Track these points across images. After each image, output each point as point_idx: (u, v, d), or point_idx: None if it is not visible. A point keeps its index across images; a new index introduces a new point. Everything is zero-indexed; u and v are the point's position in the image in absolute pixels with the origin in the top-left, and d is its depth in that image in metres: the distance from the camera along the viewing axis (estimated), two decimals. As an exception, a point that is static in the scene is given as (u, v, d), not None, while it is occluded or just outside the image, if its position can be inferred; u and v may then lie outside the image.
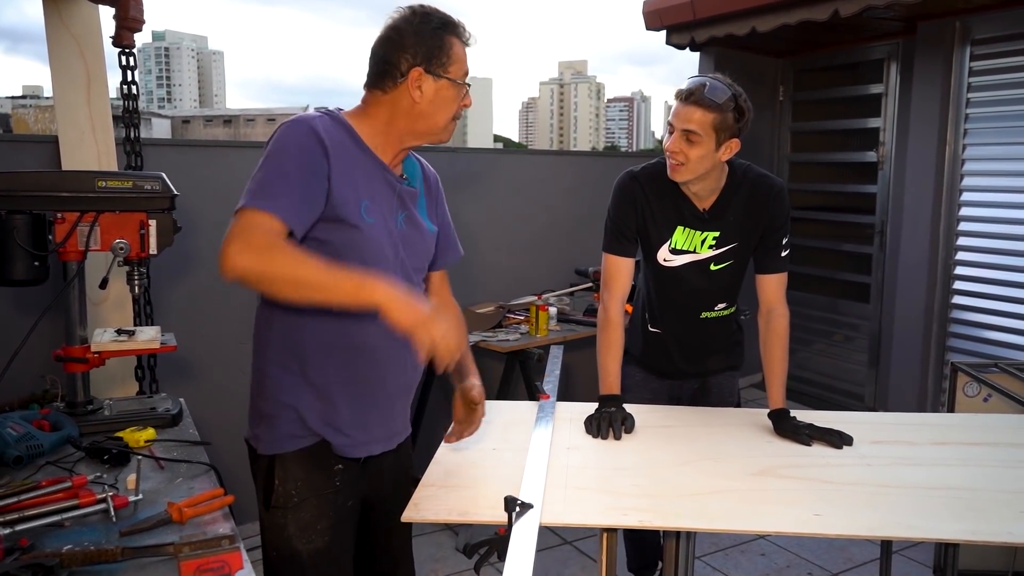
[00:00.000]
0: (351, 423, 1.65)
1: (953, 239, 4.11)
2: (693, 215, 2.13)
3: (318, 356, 1.61)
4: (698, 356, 2.35)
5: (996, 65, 3.89)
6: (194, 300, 3.15)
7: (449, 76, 1.62)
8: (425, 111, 1.62)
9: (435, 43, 1.61)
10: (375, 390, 1.67)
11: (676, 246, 2.15)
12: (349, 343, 1.62)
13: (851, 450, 1.90)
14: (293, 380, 1.62)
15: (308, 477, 1.63)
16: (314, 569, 1.64)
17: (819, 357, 5.12)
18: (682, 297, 2.23)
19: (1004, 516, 1.58)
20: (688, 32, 4.61)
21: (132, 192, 1.87)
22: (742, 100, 1.97)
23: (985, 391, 2.79)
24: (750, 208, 2.12)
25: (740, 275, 2.24)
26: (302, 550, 1.63)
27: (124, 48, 2.56)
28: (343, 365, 1.62)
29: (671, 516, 1.57)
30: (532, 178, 4.26)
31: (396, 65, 1.60)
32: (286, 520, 1.63)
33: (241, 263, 1.40)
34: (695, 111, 1.94)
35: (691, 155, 1.97)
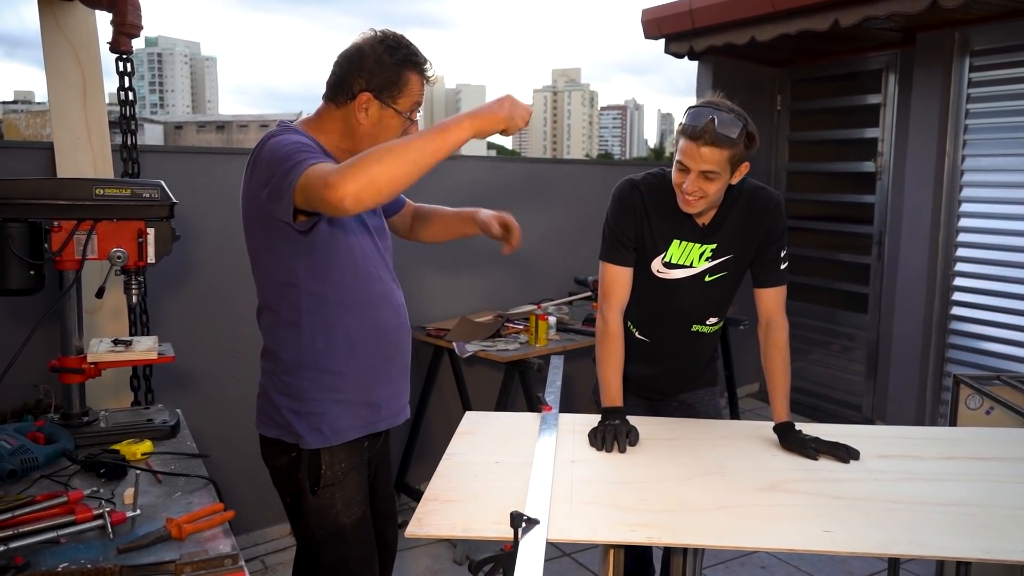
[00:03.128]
0: (381, 401, 1.86)
1: (952, 250, 4.11)
2: (692, 229, 2.10)
3: (346, 350, 1.79)
4: (683, 371, 2.33)
5: (995, 76, 3.89)
6: (191, 309, 3.11)
7: (396, 107, 1.76)
8: (368, 133, 1.76)
9: (392, 75, 1.74)
10: (392, 369, 1.89)
11: (671, 260, 2.12)
12: (369, 331, 1.81)
13: (858, 464, 1.87)
14: (331, 379, 1.78)
15: (348, 457, 1.83)
16: (355, 538, 1.85)
17: (816, 367, 5.10)
18: (674, 310, 2.20)
19: (1016, 534, 1.56)
20: (687, 41, 4.61)
21: (130, 200, 1.84)
22: (750, 127, 1.92)
23: (987, 404, 2.77)
24: (748, 220, 2.10)
25: (733, 289, 2.21)
26: (347, 523, 1.83)
27: (121, 54, 2.53)
28: (368, 352, 1.82)
29: (679, 532, 1.55)
30: (529, 186, 4.24)
31: (350, 85, 1.74)
32: (334, 499, 1.82)
33: (351, 188, 1.47)
34: (710, 151, 1.87)
35: (710, 191, 1.93)
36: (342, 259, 1.76)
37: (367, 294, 1.81)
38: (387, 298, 1.86)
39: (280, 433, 1.82)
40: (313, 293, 1.75)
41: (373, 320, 1.82)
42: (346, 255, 1.77)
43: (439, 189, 2.37)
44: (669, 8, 4.64)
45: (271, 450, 1.86)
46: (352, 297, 1.78)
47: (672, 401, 2.38)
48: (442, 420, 3.76)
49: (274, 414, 1.82)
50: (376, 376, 1.85)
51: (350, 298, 1.78)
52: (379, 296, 1.84)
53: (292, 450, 1.81)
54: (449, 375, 3.75)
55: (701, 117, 1.88)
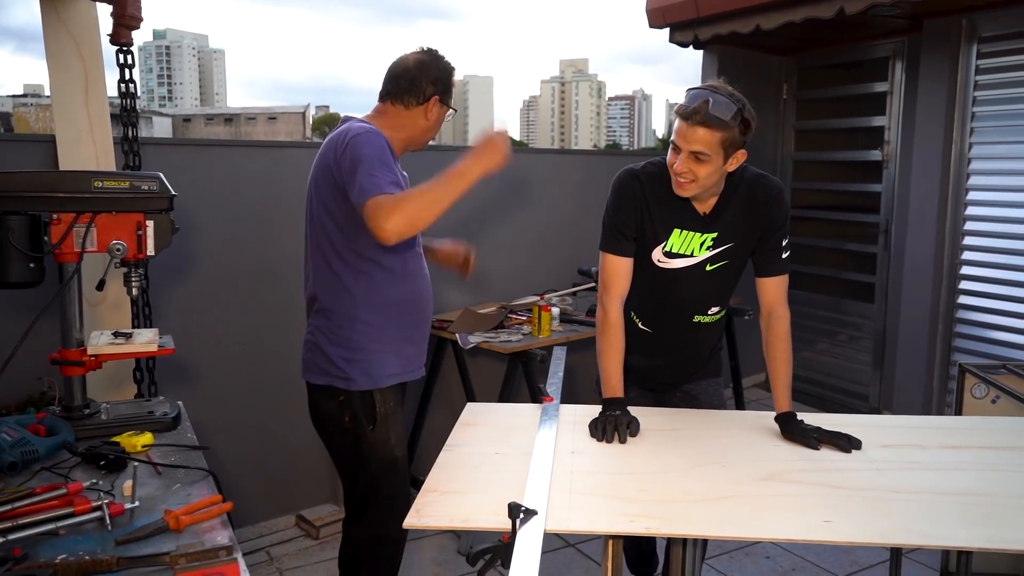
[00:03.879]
0: (411, 357, 2.21)
1: (959, 239, 4.08)
2: (693, 218, 2.08)
3: (394, 311, 2.14)
4: (686, 361, 2.32)
5: (1003, 63, 3.85)
6: (193, 301, 3.12)
7: (450, 106, 2.24)
8: (430, 129, 2.21)
9: (450, 81, 2.21)
10: (419, 331, 2.25)
11: (671, 249, 2.11)
12: (409, 296, 2.17)
13: (860, 454, 1.87)
14: (378, 332, 2.12)
15: (395, 397, 2.18)
16: (404, 468, 2.22)
17: (823, 357, 5.08)
18: (675, 300, 2.19)
19: (1019, 523, 1.55)
20: (691, 30, 4.58)
21: (129, 192, 1.84)
22: (747, 112, 1.90)
23: (993, 392, 2.76)
24: (749, 209, 2.08)
25: (734, 278, 2.20)
26: (399, 456, 2.19)
27: (122, 46, 2.53)
28: (407, 314, 2.17)
29: (679, 523, 1.54)
30: (534, 177, 4.22)
31: (423, 89, 2.15)
32: (388, 433, 2.16)
33: (393, 228, 1.85)
34: (701, 131, 1.87)
35: (700, 174, 1.92)
36: None
37: (411, 267, 2.17)
38: (423, 271, 2.24)
39: (330, 380, 2.14)
40: (372, 260, 2.08)
41: (413, 288, 2.18)
42: None
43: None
44: (674, -4, 4.61)
45: (321, 396, 2.18)
46: (402, 268, 2.14)
47: (676, 392, 2.37)
48: (446, 411, 3.76)
49: (325, 364, 2.14)
50: (409, 336, 2.20)
51: (400, 268, 2.13)
52: (418, 269, 2.21)
53: (340, 395, 2.13)
54: (453, 366, 3.75)
55: (696, 98, 1.87)
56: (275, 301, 3.33)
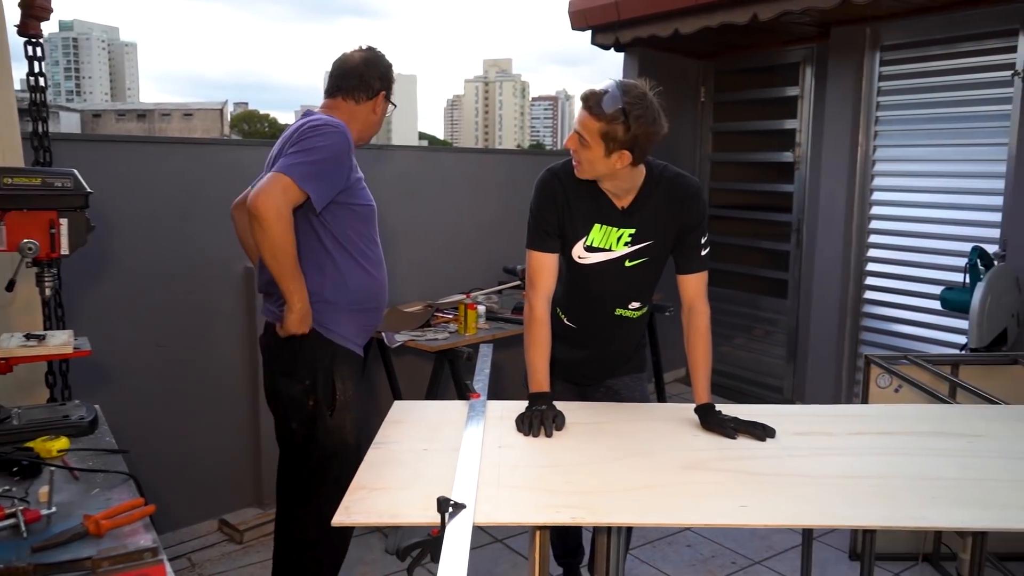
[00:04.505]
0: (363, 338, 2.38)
1: (865, 237, 4.28)
2: (611, 213, 2.15)
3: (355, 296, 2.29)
4: (611, 356, 2.38)
5: (904, 71, 4.07)
6: (108, 303, 3.02)
7: (392, 103, 2.38)
8: (377, 123, 2.37)
9: (391, 77, 2.37)
10: (376, 317, 2.42)
11: (592, 243, 2.17)
12: (369, 288, 2.32)
13: (774, 442, 1.95)
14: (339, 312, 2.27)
15: (354, 386, 2.29)
16: (355, 455, 2.15)
17: (740, 351, 5.26)
18: (596, 294, 2.25)
19: (917, 502, 1.65)
20: (613, 33, 4.67)
21: (41, 189, 1.78)
22: (633, 116, 1.93)
23: (896, 382, 2.92)
24: (667, 207, 2.15)
25: (655, 274, 2.26)
26: (351, 443, 2.27)
27: (30, 38, 2.43)
28: (368, 300, 2.33)
29: (604, 512, 1.59)
30: (459, 176, 4.24)
31: (371, 85, 2.29)
32: (344, 420, 2.27)
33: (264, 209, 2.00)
34: (586, 117, 1.96)
35: (582, 157, 2.02)
36: (360, 228, 2.26)
37: (373, 257, 2.32)
38: (383, 262, 2.37)
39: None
40: (338, 249, 2.22)
41: (377, 276, 2.34)
42: (363, 224, 2.27)
43: (371, 181, 2.36)
44: (595, 0, 4.69)
45: (283, 382, 2.29)
46: (364, 257, 2.28)
47: (599, 387, 2.43)
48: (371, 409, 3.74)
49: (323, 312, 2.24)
50: (368, 320, 2.36)
51: (361, 256, 2.27)
52: (380, 259, 2.35)
53: (306, 379, 2.24)
54: (378, 365, 3.73)
55: (600, 88, 1.97)
56: (194, 301, 3.26)
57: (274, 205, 2.01)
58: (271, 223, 2.01)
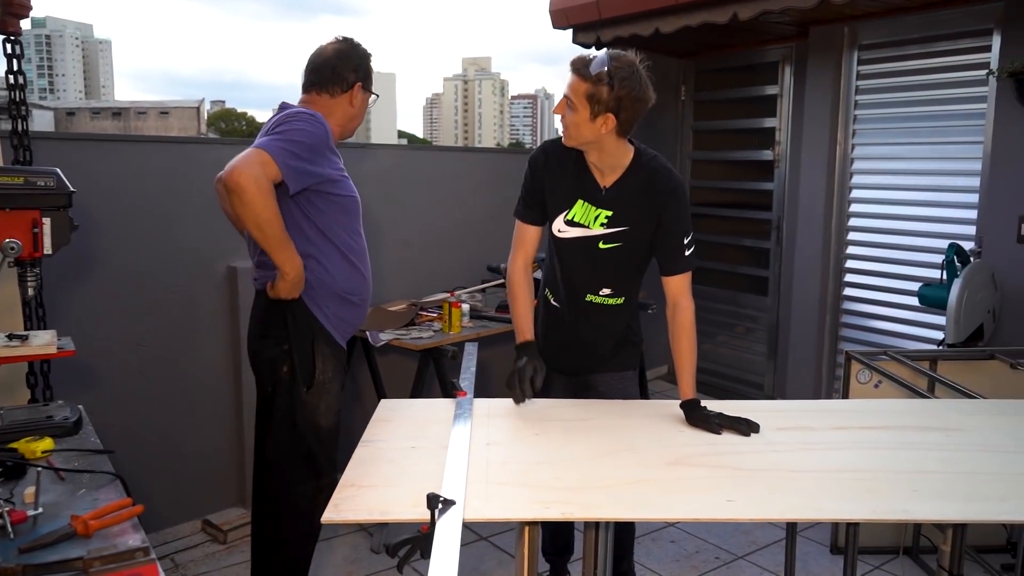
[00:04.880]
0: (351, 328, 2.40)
1: (844, 234, 4.33)
2: (593, 191, 2.19)
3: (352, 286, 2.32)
4: (588, 344, 2.39)
5: (881, 69, 4.12)
6: (89, 302, 3.00)
7: (371, 92, 2.37)
8: (356, 115, 2.35)
9: (367, 66, 2.33)
10: (363, 309, 2.41)
11: (573, 218, 2.23)
12: (365, 278, 2.36)
13: (759, 437, 1.98)
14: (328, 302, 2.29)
15: (334, 370, 2.30)
16: (327, 437, 2.31)
17: (721, 349, 5.30)
18: (569, 273, 2.31)
19: (898, 495, 1.68)
20: (594, 31, 4.68)
21: (23, 189, 1.77)
22: (618, 78, 2.00)
23: (876, 377, 2.96)
24: (644, 196, 2.18)
25: (631, 265, 2.28)
26: (323, 424, 2.29)
27: (9, 35, 2.40)
28: (354, 292, 2.34)
29: (592, 507, 1.60)
30: (442, 175, 4.24)
31: (345, 78, 2.28)
32: (319, 401, 2.27)
33: (243, 181, 1.96)
34: (574, 78, 2.05)
35: (568, 120, 2.08)
36: (344, 220, 2.26)
37: (358, 250, 2.32)
38: (367, 256, 2.38)
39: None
40: (322, 240, 2.22)
41: (360, 270, 2.33)
42: (347, 217, 2.26)
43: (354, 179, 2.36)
44: (576, -1, 4.71)
45: (264, 345, 2.28)
46: (349, 249, 2.28)
47: (585, 382, 2.44)
48: (356, 409, 3.73)
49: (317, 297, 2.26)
50: (352, 314, 2.35)
51: (347, 248, 2.27)
52: (364, 252, 2.36)
53: (284, 343, 2.24)
54: (362, 364, 3.73)
55: (591, 54, 2.05)
56: (175, 301, 3.23)
57: (252, 175, 1.97)
58: (252, 194, 1.97)
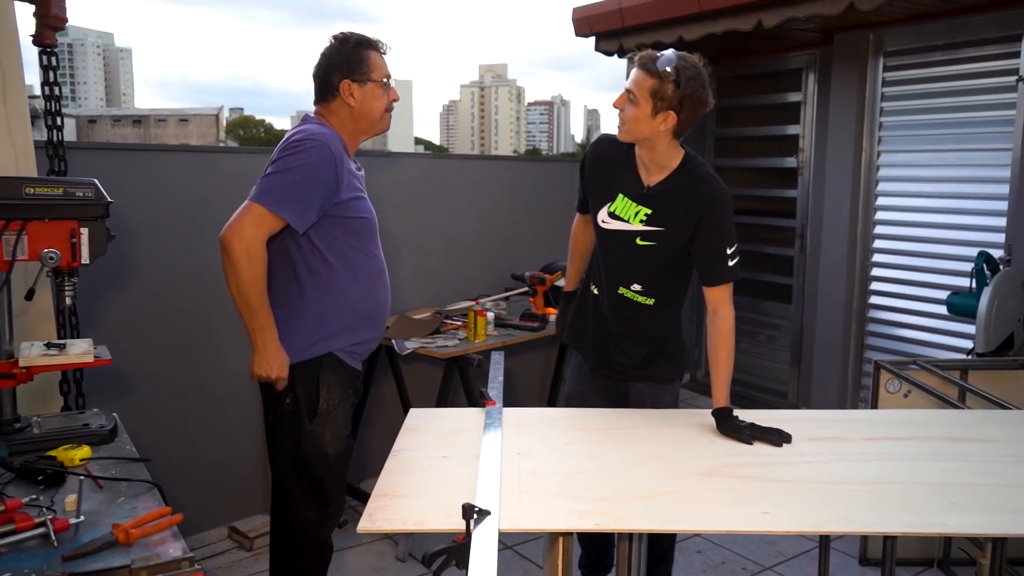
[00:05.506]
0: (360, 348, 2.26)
1: (870, 242, 4.30)
2: (636, 188, 2.22)
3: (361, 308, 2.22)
4: (614, 339, 2.39)
5: (907, 76, 4.09)
6: (118, 310, 3.03)
7: (372, 79, 2.16)
8: (362, 112, 2.17)
9: (355, 58, 2.15)
10: (376, 329, 2.29)
11: (615, 211, 2.26)
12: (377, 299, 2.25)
13: (790, 448, 1.96)
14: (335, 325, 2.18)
15: (341, 393, 2.18)
16: (336, 465, 2.21)
17: (744, 356, 5.26)
18: (607, 262, 2.34)
19: (934, 507, 1.66)
20: (616, 39, 4.68)
21: (63, 199, 1.79)
22: (685, 76, 2.04)
23: (905, 387, 2.93)
24: (685, 201, 2.18)
25: (662, 263, 2.27)
26: (331, 453, 2.19)
27: (45, 47, 2.44)
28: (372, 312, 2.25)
29: (627, 518, 1.60)
30: (464, 182, 4.25)
31: (332, 82, 2.15)
32: (325, 430, 2.16)
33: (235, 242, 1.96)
34: (639, 74, 2.07)
35: (627, 115, 2.10)
36: (353, 242, 2.15)
37: (370, 270, 2.21)
38: (382, 276, 2.27)
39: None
40: (325, 264, 2.12)
41: (370, 291, 2.22)
42: (357, 238, 2.16)
43: (377, 188, 2.38)
44: (599, 7, 4.71)
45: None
46: (358, 270, 2.18)
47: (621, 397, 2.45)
48: (379, 418, 3.75)
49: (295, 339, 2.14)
50: (364, 336, 2.24)
51: (354, 270, 2.17)
52: (377, 272, 2.25)
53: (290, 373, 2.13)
54: (387, 372, 3.74)
55: (657, 52, 2.09)
56: (203, 309, 3.26)
57: (243, 241, 1.95)
58: (238, 259, 1.96)
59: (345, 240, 2.14)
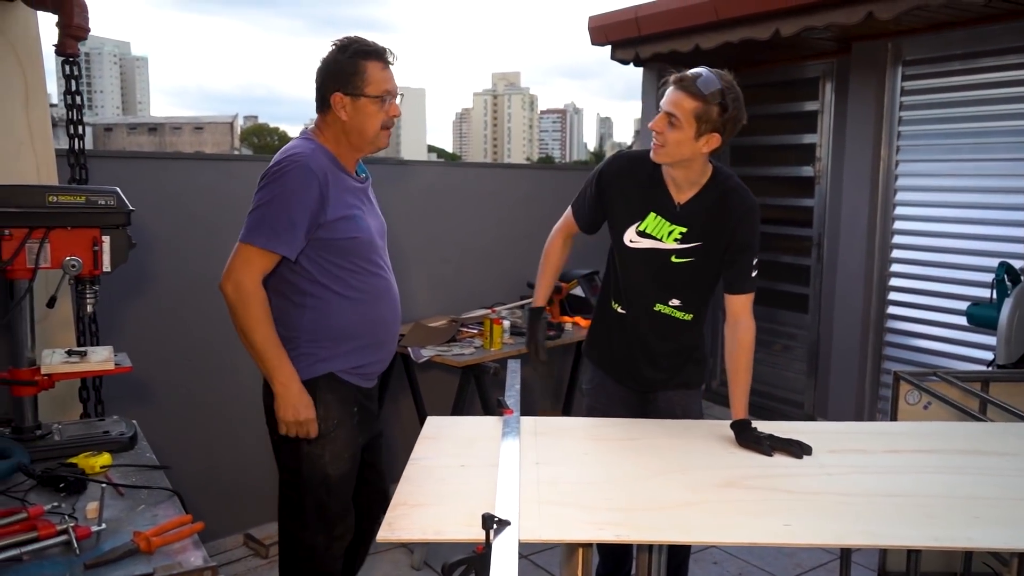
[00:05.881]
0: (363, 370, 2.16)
1: (888, 251, 4.27)
2: (667, 207, 2.19)
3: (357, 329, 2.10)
4: (648, 355, 2.36)
5: (926, 85, 4.06)
6: (138, 318, 3.04)
7: (366, 94, 2.00)
8: (353, 127, 2.03)
9: (349, 69, 1.99)
10: (382, 350, 2.21)
11: (645, 229, 2.22)
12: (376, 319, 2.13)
13: (811, 460, 1.95)
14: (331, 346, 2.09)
15: (341, 412, 2.08)
16: (336, 486, 2.10)
17: (760, 366, 5.16)
18: (640, 282, 2.29)
19: (959, 521, 1.64)
20: (633, 48, 4.68)
21: (85, 207, 1.81)
22: (729, 97, 2.01)
23: (926, 399, 2.90)
24: (719, 214, 2.18)
25: (700, 280, 2.27)
26: (332, 473, 2.08)
27: (67, 57, 2.46)
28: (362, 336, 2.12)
29: (647, 530, 1.59)
30: (480, 191, 4.26)
31: (323, 93, 2.02)
32: (324, 451, 2.07)
33: (229, 288, 1.96)
34: (682, 96, 2.01)
35: (670, 138, 2.05)
36: (343, 262, 2.03)
37: (365, 289, 2.08)
38: (384, 294, 2.13)
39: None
40: (316, 285, 2.03)
41: (366, 311, 2.09)
42: (347, 258, 2.04)
43: (393, 196, 2.38)
44: (615, 16, 4.71)
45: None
46: (352, 290, 2.06)
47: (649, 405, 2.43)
48: (394, 425, 3.74)
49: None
50: (366, 357, 2.13)
51: (348, 290, 2.05)
52: (376, 291, 2.11)
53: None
54: (402, 380, 3.74)
55: (694, 71, 2.03)
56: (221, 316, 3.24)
57: (234, 284, 1.93)
58: (233, 304, 1.95)
59: (335, 262, 2.03)
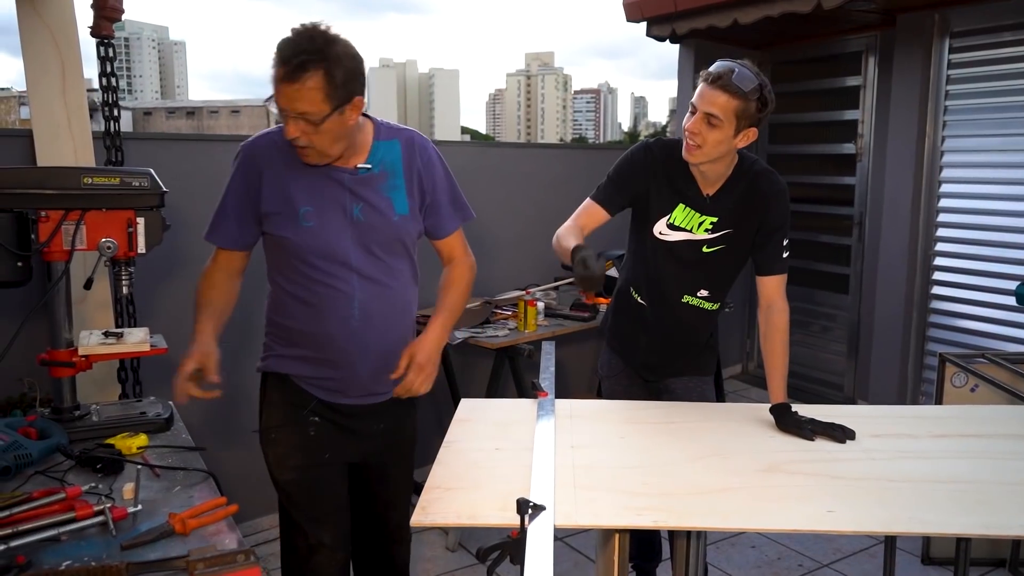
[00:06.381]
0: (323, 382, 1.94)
1: (932, 230, 4.15)
2: (696, 199, 2.14)
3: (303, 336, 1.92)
4: (676, 346, 2.34)
5: (975, 58, 3.93)
6: (176, 299, 3.06)
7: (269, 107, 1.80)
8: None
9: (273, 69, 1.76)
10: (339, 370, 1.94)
11: (674, 222, 2.17)
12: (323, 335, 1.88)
13: (854, 444, 1.89)
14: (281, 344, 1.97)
15: (286, 414, 1.95)
16: (294, 495, 1.95)
17: (798, 348, 5.12)
18: (669, 273, 2.24)
19: (1011, 508, 1.58)
20: (669, 24, 4.60)
21: (119, 189, 1.81)
22: (767, 91, 1.98)
23: (973, 381, 2.82)
24: (748, 200, 2.14)
25: (730, 269, 2.24)
26: (278, 479, 1.96)
27: (103, 39, 2.47)
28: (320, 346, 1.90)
29: (685, 515, 1.55)
30: (513, 171, 4.22)
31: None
32: (268, 452, 1.97)
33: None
34: (720, 95, 1.94)
35: (709, 138, 1.99)
36: (282, 263, 1.87)
37: (309, 300, 1.85)
38: (336, 311, 1.84)
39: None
40: (273, 279, 1.93)
41: (317, 326, 1.86)
42: (286, 259, 1.85)
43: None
44: (651, -9, 4.63)
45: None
46: (296, 297, 1.87)
47: (664, 394, 2.40)
48: (428, 407, 3.74)
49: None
50: (317, 371, 1.92)
51: (295, 294, 1.87)
52: (323, 304, 1.84)
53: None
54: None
55: (724, 66, 1.96)
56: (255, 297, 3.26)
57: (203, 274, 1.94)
58: None
59: (280, 257, 1.87)
